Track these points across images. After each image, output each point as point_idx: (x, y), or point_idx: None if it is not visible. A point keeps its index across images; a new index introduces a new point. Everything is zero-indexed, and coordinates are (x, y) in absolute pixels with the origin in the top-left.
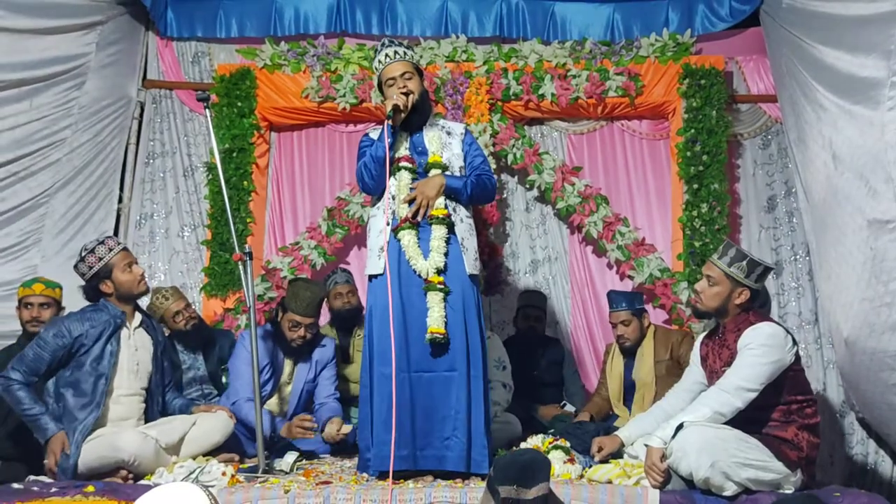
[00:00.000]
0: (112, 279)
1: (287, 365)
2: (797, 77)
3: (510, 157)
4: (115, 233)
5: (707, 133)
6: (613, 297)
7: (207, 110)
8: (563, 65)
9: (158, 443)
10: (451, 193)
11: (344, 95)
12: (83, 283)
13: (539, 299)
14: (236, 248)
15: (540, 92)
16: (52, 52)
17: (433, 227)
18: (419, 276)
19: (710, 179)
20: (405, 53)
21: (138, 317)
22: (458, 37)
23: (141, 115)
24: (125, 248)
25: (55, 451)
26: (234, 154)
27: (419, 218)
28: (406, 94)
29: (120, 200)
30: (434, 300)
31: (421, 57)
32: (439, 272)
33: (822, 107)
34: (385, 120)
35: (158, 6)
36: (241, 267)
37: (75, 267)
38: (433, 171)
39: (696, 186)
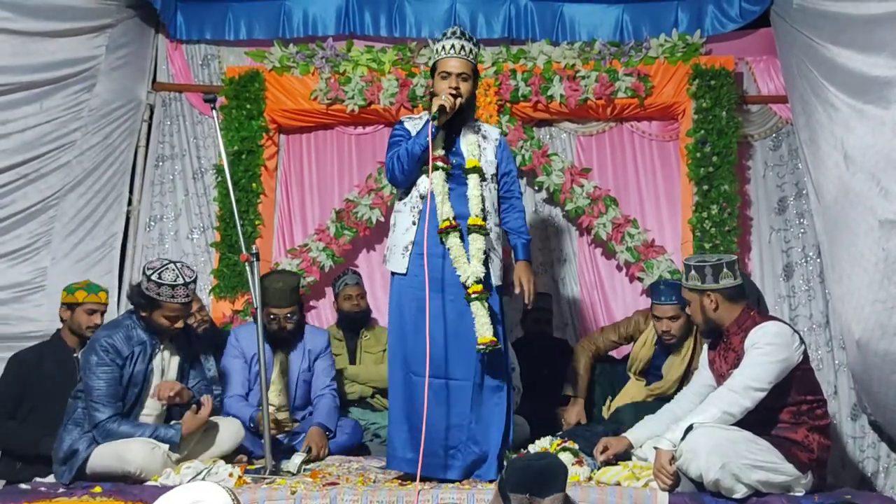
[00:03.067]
0: (151, 314)
1: (278, 356)
2: (808, 77)
3: (519, 159)
4: (125, 235)
5: (717, 134)
6: (662, 289)
7: (214, 111)
8: (572, 66)
9: (168, 454)
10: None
11: (352, 97)
12: (136, 284)
13: (546, 301)
14: (243, 249)
15: (549, 93)
16: (62, 55)
17: (471, 236)
18: (462, 282)
19: (720, 181)
20: (470, 51)
21: None
22: None
23: (150, 117)
24: (186, 303)
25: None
26: (243, 156)
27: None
28: (455, 97)
29: (129, 203)
30: (479, 310)
31: (429, 59)
32: (478, 281)
33: (833, 107)
34: (430, 120)
35: (168, 9)
36: (248, 268)
37: (143, 271)
38: (471, 176)
39: (706, 188)
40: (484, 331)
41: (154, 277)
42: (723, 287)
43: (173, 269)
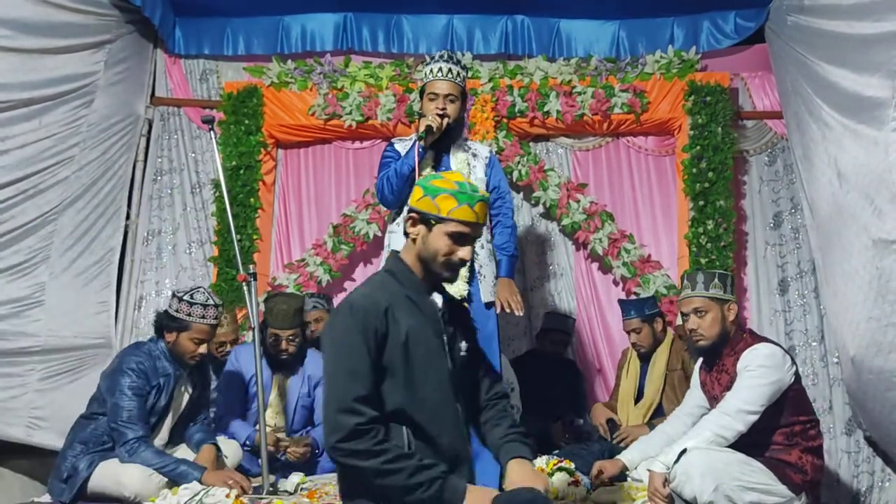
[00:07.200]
0: (178, 336)
1: (277, 379)
2: (802, 94)
3: (515, 174)
4: (123, 249)
5: (713, 150)
6: (623, 305)
7: (212, 132)
8: (569, 81)
9: (164, 482)
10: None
11: (350, 113)
12: (163, 310)
13: (568, 324)
14: (240, 268)
15: (545, 109)
16: (61, 71)
17: None
18: None
19: (715, 196)
20: (458, 74)
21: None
22: (463, 54)
23: (149, 132)
24: (214, 326)
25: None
26: (241, 171)
27: None
28: (441, 117)
29: (128, 217)
30: None
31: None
32: (463, 300)
33: (826, 125)
34: (416, 140)
35: (167, 24)
36: (245, 288)
37: (173, 294)
38: None
39: (701, 203)
40: None
41: (186, 298)
42: (736, 299)
43: (203, 292)
